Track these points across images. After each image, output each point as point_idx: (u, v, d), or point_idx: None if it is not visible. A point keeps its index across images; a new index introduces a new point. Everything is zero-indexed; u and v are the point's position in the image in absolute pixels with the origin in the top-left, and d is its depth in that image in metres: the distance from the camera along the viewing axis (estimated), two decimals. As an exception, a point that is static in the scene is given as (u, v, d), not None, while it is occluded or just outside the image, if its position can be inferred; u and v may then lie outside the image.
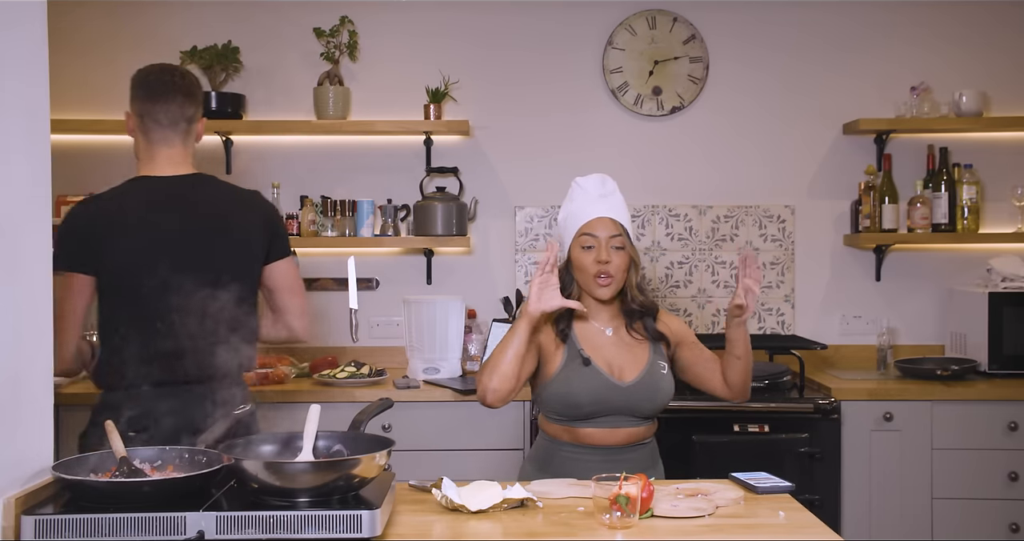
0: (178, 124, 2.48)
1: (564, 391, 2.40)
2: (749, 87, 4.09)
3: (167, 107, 2.47)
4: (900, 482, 3.51)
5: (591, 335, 2.46)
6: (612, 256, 2.39)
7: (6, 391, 1.76)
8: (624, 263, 2.41)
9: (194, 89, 2.53)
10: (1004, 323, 3.72)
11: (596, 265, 2.39)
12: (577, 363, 2.41)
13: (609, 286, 2.40)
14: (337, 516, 1.72)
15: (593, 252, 2.40)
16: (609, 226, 2.41)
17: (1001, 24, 4.08)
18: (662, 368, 2.45)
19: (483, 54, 4.08)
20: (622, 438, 2.43)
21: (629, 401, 2.40)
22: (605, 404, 2.39)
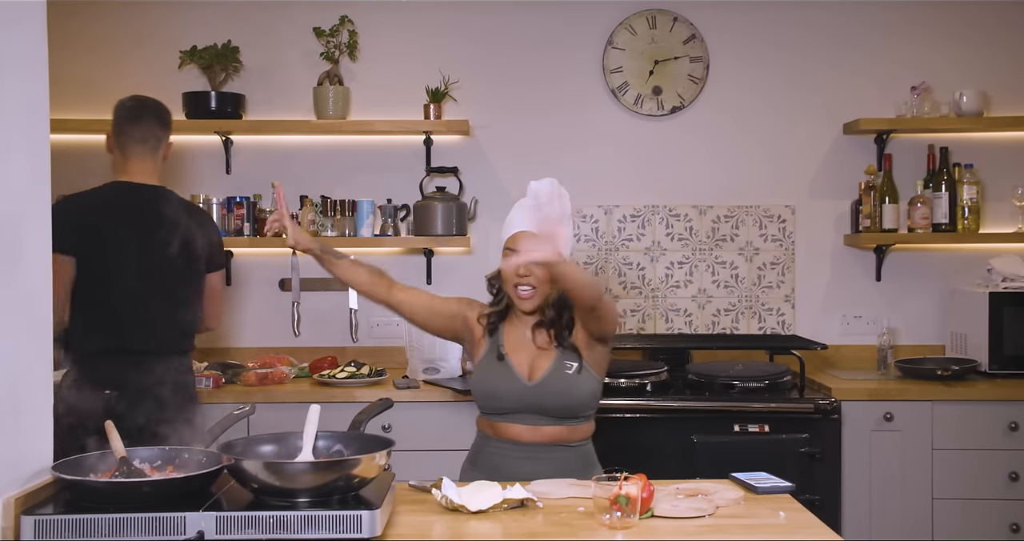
0: (148, 141, 2.99)
1: (479, 382, 2.51)
2: (749, 87, 4.09)
3: (141, 127, 2.98)
4: (900, 482, 3.51)
5: (515, 336, 2.53)
6: (532, 269, 2.42)
7: (6, 391, 1.76)
8: (545, 275, 2.42)
9: (165, 116, 3.05)
10: (1005, 323, 3.72)
11: (515, 277, 2.46)
12: (494, 356, 2.50)
13: (531, 299, 2.47)
14: (337, 516, 1.72)
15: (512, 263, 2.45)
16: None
17: (1002, 24, 4.08)
18: (567, 368, 2.46)
19: (483, 54, 4.08)
20: (544, 437, 2.46)
21: (537, 399, 2.44)
22: (515, 401, 2.45)
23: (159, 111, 3.05)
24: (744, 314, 4.09)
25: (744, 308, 4.09)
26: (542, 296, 2.47)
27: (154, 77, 4.00)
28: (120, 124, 3.00)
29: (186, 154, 4.03)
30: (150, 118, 3.01)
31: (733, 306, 4.09)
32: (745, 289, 4.09)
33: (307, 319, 3.64)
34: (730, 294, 4.09)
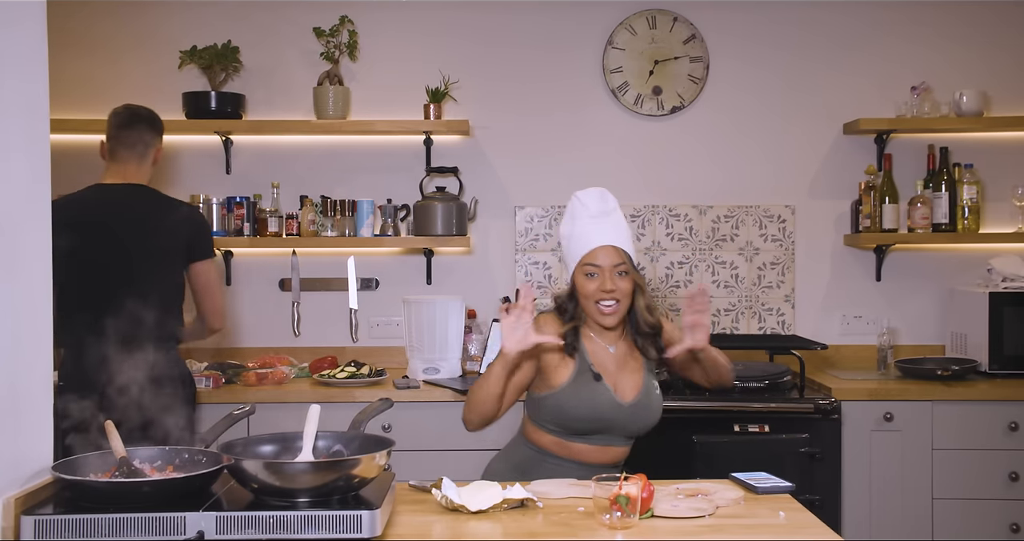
0: (136, 147, 3.13)
1: (572, 404, 2.40)
2: (749, 87, 4.09)
3: (131, 133, 3.13)
4: (900, 482, 3.51)
5: (597, 352, 2.47)
6: (617, 284, 2.39)
7: (6, 391, 1.76)
8: (628, 288, 2.41)
9: (156, 123, 3.19)
10: (1005, 323, 3.72)
11: (600, 293, 2.39)
12: (587, 377, 2.42)
13: (614, 314, 2.41)
14: (337, 516, 1.72)
15: (597, 281, 2.40)
16: (612, 255, 2.41)
17: (1002, 23, 4.08)
18: (656, 388, 2.49)
19: (483, 54, 4.08)
20: (612, 457, 2.47)
21: (627, 420, 2.43)
22: (605, 421, 2.42)
23: (151, 119, 3.19)
24: (744, 314, 4.09)
25: (744, 308, 4.09)
26: (624, 309, 2.42)
27: (154, 77, 4.00)
28: (114, 129, 3.16)
29: (186, 154, 4.03)
30: (141, 125, 3.15)
31: (733, 306, 4.09)
32: (745, 289, 4.09)
33: (307, 319, 3.67)
34: (730, 294, 4.09)
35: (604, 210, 2.45)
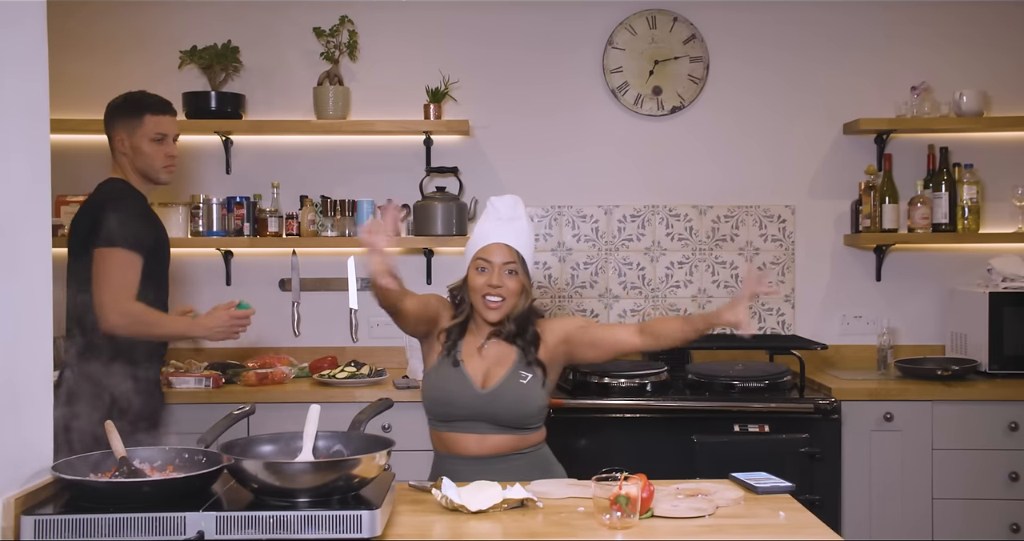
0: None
1: (431, 387, 2.51)
2: (749, 87, 4.09)
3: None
4: (901, 482, 3.51)
5: (471, 344, 2.54)
6: (504, 281, 2.47)
7: (6, 391, 1.76)
8: (516, 288, 2.49)
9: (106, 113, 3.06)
10: (1005, 323, 3.72)
11: (486, 288, 2.47)
12: (449, 362, 2.51)
13: (498, 309, 2.48)
14: (337, 516, 1.72)
15: (485, 276, 2.48)
16: (504, 253, 2.49)
17: (1002, 24, 4.08)
18: (522, 377, 2.48)
19: (483, 54, 4.08)
20: (492, 448, 2.47)
21: (488, 407, 2.45)
22: (467, 408, 2.45)
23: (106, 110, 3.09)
24: (744, 314, 4.08)
25: (744, 308, 4.08)
26: (509, 308, 2.49)
27: (154, 77, 3.99)
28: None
29: (186, 154, 4.02)
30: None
31: (733, 306, 4.09)
32: (745, 289, 4.08)
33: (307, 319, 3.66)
34: (730, 294, 4.09)
35: (512, 216, 2.54)
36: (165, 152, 3.02)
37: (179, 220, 3.91)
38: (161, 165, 3.03)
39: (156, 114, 3.01)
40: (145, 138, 2.99)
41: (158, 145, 3.01)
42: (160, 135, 3.01)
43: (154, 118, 3.01)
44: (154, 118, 3.01)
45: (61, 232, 3.80)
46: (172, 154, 3.05)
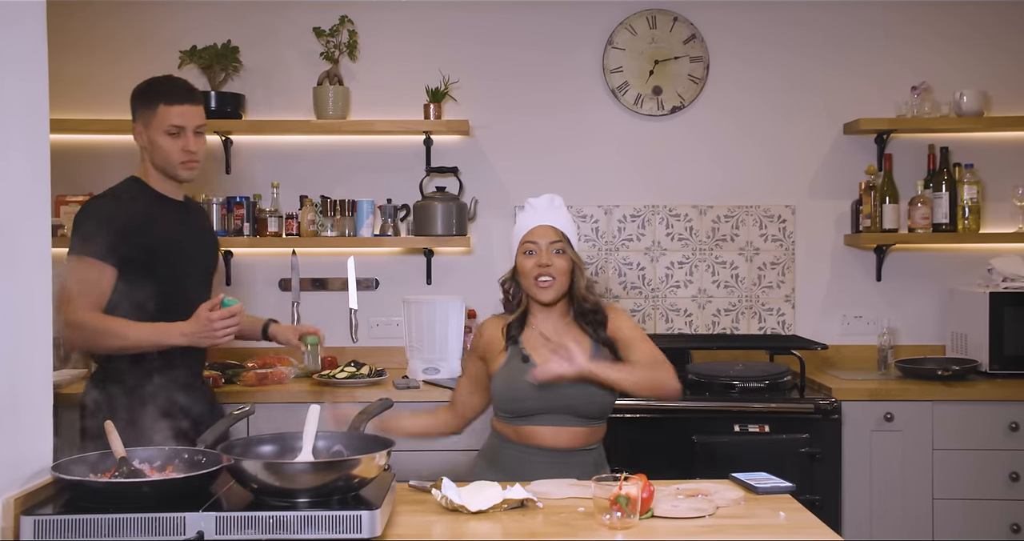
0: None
1: (501, 386, 2.50)
2: (749, 87, 4.08)
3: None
4: (901, 482, 3.51)
5: (534, 338, 2.54)
6: (553, 260, 2.48)
7: (5, 391, 1.76)
8: (566, 266, 2.50)
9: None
10: (1005, 323, 3.72)
11: (537, 268, 2.48)
12: (518, 360, 2.50)
13: (550, 288, 2.48)
14: (337, 516, 1.71)
15: (534, 258, 2.50)
16: (549, 233, 2.51)
17: (1002, 24, 4.08)
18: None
19: (483, 53, 4.07)
20: (567, 440, 2.47)
21: (567, 399, 2.44)
22: (542, 400, 2.44)
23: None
24: (744, 314, 4.09)
25: (744, 308, 4.09)
26: (561, 287, 2.50)
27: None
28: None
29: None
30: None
31: (733, 306, 4.09)
32: (745, 289, 4.09)
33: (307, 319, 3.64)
34: (730, 294, 4.09)
35: (552, 205, 2.58)
36: (182, 146, 2.70)
37: (179, 220, 3.91)
38: (178, 161, 2.71)
39: (170, 104, 2.69)
40: (159, 130, 2.69)
41: (173, 139, 2.69)
42: (175, 128, 2.68)
43: (168, 108, 2.68)
44: (168, 108, 2.68)
45: (61, 232, 3.81)
46: (191, 149, 2.70)
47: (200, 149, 2.74)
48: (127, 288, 2.61)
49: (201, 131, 2.73)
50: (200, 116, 2.73)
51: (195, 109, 2.71)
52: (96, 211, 2.67)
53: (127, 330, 2.56)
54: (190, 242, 2.80)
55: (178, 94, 2.69)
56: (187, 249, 2.78)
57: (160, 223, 2.72)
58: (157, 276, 2.64)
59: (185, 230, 2.79)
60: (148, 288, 2.59)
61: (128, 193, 2.74)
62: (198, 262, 2.83)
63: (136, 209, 2.69)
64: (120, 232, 2.60)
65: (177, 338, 2.53)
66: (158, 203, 2.75)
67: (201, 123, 2.73)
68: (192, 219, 2.87)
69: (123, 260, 2.61)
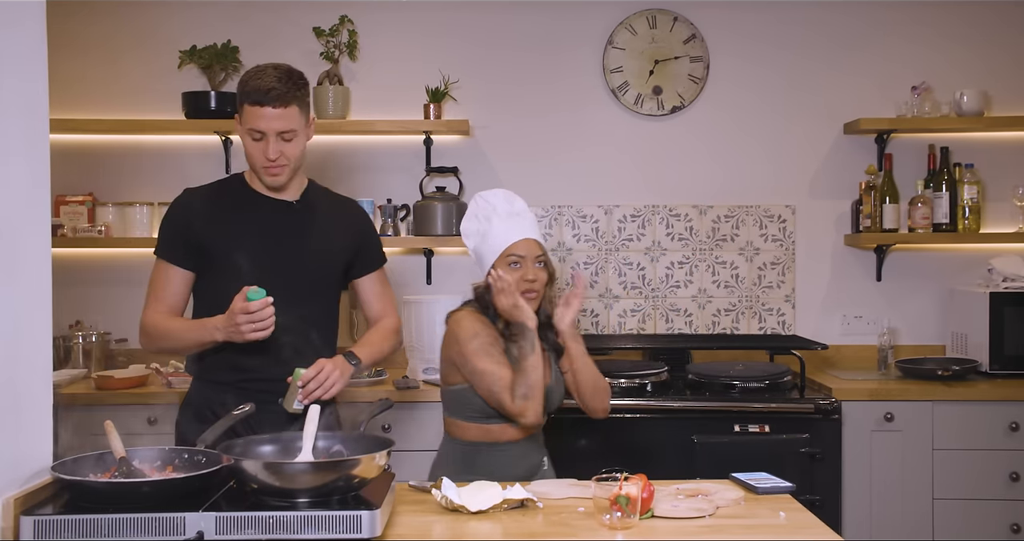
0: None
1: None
2: (749, 87, 4.08)
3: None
4: (901, 483, 3.51)
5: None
6: (537, 274, 2.54)
7: (6, 391, 1.76)
8: (545, 279, 2.57)
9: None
10: (1005, 323, 3.72)
11: (522, 283, 2.51)
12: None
13: (533, 301, 2.54)
14: (337, 516, 1.71)
15: (519, 271, 2.52)
16: (533, 247, 2.55)
17: (1003, 23, 4.08)
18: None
19: (483, 54, 4.07)
20: (518, 432, 2.53)
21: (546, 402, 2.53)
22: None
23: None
24: (744, 314, 4.09)
25: (744, 308, 4.09)
26: (539, 300, 2.57)
27: (154, 77, 4.00)
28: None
29: (186, 154, 4.02)
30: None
31: (733, 306, 4.09)
32: (745, 289, 4.09)
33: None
34: (730, 294, 4.09)
35: (516, 210, 2.61)
36: (263, 151, 2.43)
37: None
38: (260, 166, 2.46)
39: (254, 104, 2.41)
40: (244, 131, 2.46)
41: (256, 143, 2.44)
42: (257, 132, 2.42)
43: (252, 109, 2.41)
44: (252, 109, 2.41)
45: (61, 232, 3.81)
46: (269, 156, 2.43)
47: (287, 155, 2.45)
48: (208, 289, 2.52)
49: (290, 137, 2.44)
50: (287, 120, 2.42)
51: (279, 112, 2.40)
52: (174, 208, 2.57)
53: (176, 330, 2.48)
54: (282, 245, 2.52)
55: (261, 93, 2.40)
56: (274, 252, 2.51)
57: (242, 222, 2.51)
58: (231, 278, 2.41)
59: (281, 231, 2.52)
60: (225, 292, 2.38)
61: (221, 188, 2.60)
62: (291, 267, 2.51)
63: (216, 205, 2.52)
64: (193, 231, 2.49)
65: (214, 333, 2.38)
66: (250, 201, 2.54)
67: (287, 128, 2.42)
68: (300, 221, 2.56)
69: (197, 262, 2.51)
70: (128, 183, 4.00)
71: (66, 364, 3.73)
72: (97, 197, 3.95)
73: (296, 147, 2.47)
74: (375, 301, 2.74)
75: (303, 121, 2.48)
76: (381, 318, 2.73)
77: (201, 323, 2.43)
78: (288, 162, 2.46)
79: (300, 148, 2.49)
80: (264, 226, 2.52)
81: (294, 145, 2.46)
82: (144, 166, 4.02)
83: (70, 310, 3.85)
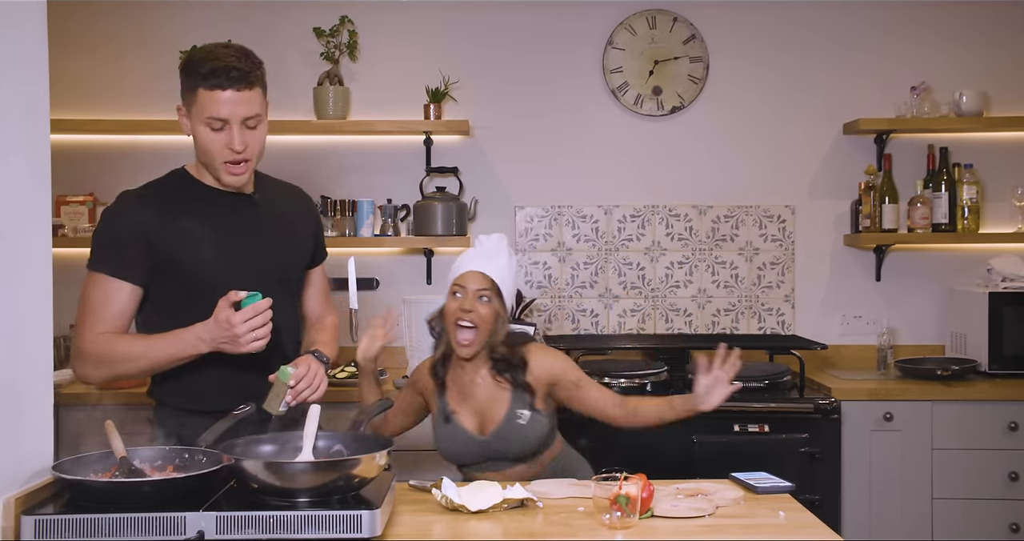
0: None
1: (436, 443, 2.55)
2: (749, 87, 4.09)
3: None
4: (900, 482, 3.51)
5: (464, 381, 2.53)
6: (477, 307, 2.46)
7: (6, 391, 1.76)
8: (488, 314, 2.47)
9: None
10: (1004, 323, 3.72)
11: (458, 312, 2.46)
12: (442, 418, 2.53)
13: (471, 345, 2.46)
14: (337, 516, 1.72)
15: (459, 301, 2.48)
16: (479, 280, 2.48)
17: (1002, 23, 4.08)
18: (519, 417, 2.47)
19: (483, 54, 4.08)
20: (514, 477, 2.46)
21: (495, 451, 2.48)
22: (473, 455, 2.50)
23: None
24: (744, 314, 4.09)
25: (744, 308, 4.09)
26: (481, 337, 2.47)
27: (154, 77, 4.00)
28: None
29: (186, 154, 4.01)
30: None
31: (733, 306, 4.09)
32: (745, 289, 4.09)
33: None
34: (730, 294, 4.09)
35: (495, 250, 2.54)
36: (225, 143, 2.15)
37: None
38: (220, 161, 2.17)
39: (212, 88, 2.11)
40: (199, 120, 2.16)
41: (215, 134, 2.15)
42: (218, 121, 2.14)
43: (209, 94, 2.12)
44: (209, 94, 2.12)
45: (61, 232, 3.81)
46: (235, 147, 2.14)
47: (252, 146, 2.19)
48: (160, 303, 2.21)
49: (255, 124, 2.18)
50: (251, 105, 2.16)
51: (243, 96, 2.13)
52: (114, 214, 2.23)
53: (141, 348, 2.12)
54: (250, 244, 2.28)
55: (219, 75, 2.11)
56: (242, 252, 2.25)
57: (202, 223, 2.23)
58: (199, 286, 2.18)
59: (246, 229, 2.28)
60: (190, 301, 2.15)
61: (166, 188, 2.29)
62: (262, 267, 2.27)
63: (169, 207, 2.22)
64: (145, 239, 2.17)
65: (197, 345, 2.07)
66: (205, 198, 2.26)
67: (252, 113, 2.16)
68: (262, 216, 2.32)
69: (149, 274, 2.18)
70: (129, 183, 3.90)
71: (66, 364, 3.73)
72: (98, 197, 3.95)
73: (260, 136, 2.20)
74: (320, 296, 2.57)
75: (264, 106, 2.21)
76: (324, 314, 2.57)
77: (177, 335, 2.08)
78: (252, 157, 2.20)
79: (263, 138, 2.22)
80: (227, 224, 2.24)
81: (258, 133, 2.20)
82: (145, 166, 3.97)
83: (70, 310, 3.82)
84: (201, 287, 2.17)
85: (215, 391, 2.21)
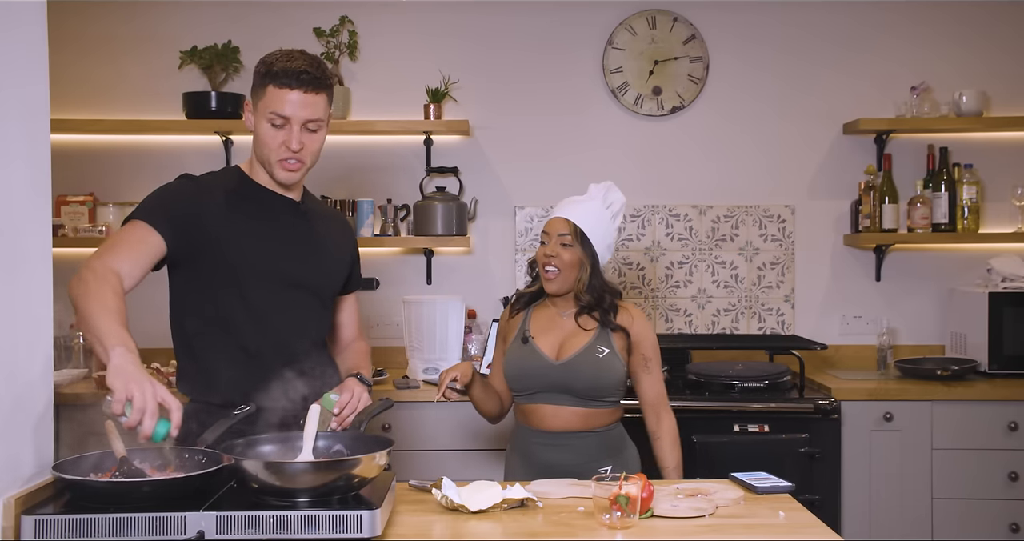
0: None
1: (506, 364, 2.62)
2: (749, 87, 4.09)
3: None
4: (900, 482, 3.51)
5: (545, 318, 2.64)
6: (558, 251, 2.57)
7: (6, 391, 1.76)
8: (571, 260, 2.57)
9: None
10: (1004, 323, 3.72)
11: (543, 258, 2.60)
12: (519, 340, 2.61)
13: (554, 281, 2.58)
14: (337, 516, 1.72)
15: (545, 247, 2.61)
16: (561, 225, 2.59)
17: (1001, 23, 4.08)
18: (599, 351, 2.54)
19: (483, 54, 4.08)
20: (564, 421, 2.52)
21: (562, 378, 2.52)
22: (540, 380, 2.53)
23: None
24: (744, 314, 4.09)
25: (744, 308, 4.09)
26: (566, 279, 2.58)
27: (154, 77, 4.00)
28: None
29: (186, 154, 4.03)
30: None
31: (733, 306, 4.10)
32: (745, 289, 4.09)
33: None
34: (730, 294, 4.09)
35: (589, 196, 2.65)
36: (283, 140, 2.20)
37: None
38: (276, 158, 2.21)
39: (281, 86, 2.17)
40: (262, 115, 2.20)
41: (275, 130, 2.19)
42: (280, 118, 2.18)
43: (277, 92, 2.18)
44: (277, 92, 2.18)
45: (61, 232, 3.81)
46: (291, 146, 2.19)
47: (308, 148, 2.23)
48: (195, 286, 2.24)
49: (315, 128, 2.23)
50: (316, 108, 2.21)
51: (309, 99, 2.19)
52: (173, 184, 2.27)
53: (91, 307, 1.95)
54: (287, 245, 2.30)
55: (291, 75, 2.17)
56: (278, 250, 2.28)
57: (249, 215, 2.25)
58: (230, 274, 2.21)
59: (287, 230, 2.30)
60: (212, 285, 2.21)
61: (222, 177, 2.33)
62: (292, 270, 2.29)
63: (224, 193, 2.25)
64: (193, 206, 2.20)
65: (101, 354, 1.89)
66: (255, 195, 2.29)
67: (314, 117, 2.21)
68: (305, 223, 2.34)
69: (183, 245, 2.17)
70: (129, 183, 4.00)
71: (66, 364, 3.73)
72: (98, 197, 3.96)
73: (318, 141, 2.25)
74: (352, 323, 2.58)
75: (328, 114, 2.27)
76: (354, 340, 2.56)
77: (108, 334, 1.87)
78: (307, 159, 2.24)
79: (321, 144, 2.27)
80: (271, 222, 2.28)
81: (316, 138, 2.25)
82: (145, 166, 4.02)
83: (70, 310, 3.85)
84: (232, 275, 2.21)
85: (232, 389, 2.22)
